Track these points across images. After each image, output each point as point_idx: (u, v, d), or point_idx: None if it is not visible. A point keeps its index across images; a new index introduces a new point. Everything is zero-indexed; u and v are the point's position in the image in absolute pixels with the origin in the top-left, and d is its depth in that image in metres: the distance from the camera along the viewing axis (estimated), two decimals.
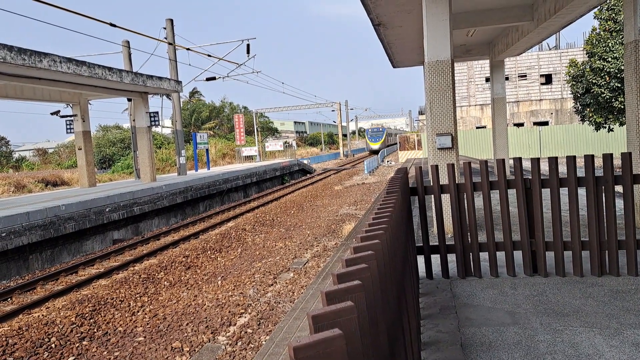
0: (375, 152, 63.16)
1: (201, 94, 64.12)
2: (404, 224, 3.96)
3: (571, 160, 5.37)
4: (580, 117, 22.48)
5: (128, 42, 23.34)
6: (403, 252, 3.33)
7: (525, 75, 44.43)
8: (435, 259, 6.20)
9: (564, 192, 5.69)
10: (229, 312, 7.87)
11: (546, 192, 5.65)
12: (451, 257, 6.13)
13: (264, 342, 6.52)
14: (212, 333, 7.09)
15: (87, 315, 8.11)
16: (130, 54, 23.35)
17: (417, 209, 9.63)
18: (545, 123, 43.49)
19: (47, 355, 6.68)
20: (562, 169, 18.54)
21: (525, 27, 12.66)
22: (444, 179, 7.44)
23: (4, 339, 7.20)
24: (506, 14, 11.67)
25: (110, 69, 16.44)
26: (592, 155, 5.38)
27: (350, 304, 1.21)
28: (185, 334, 7.12)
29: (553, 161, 5.41)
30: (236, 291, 8.96)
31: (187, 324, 7.49)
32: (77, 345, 6.99)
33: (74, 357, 6.62)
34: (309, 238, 13.26)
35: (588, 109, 21.02)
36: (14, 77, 13.95)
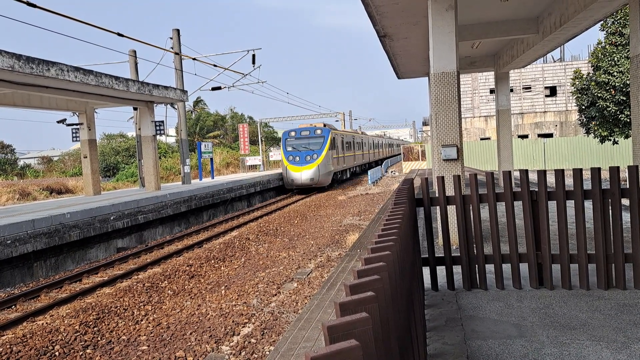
0: (304, 189, 29.77)
1: (205, 104, 64.39)
2: (410, 234, 3.96)
3: (578, 172, 5.37)
4: (585, 129, 22.48)
5: (135, 51, 23.52)
6: (411, 263, 3.34)
7: (530, 87, 44.51)
8: (441, 270, 6.18)
9: (570, 204, 5.69)
10: (233, 321, 7.85)
11: (552, 205, 5.65)
12: (457, 269, 6.11)
13: (267, 353, 6.50)
14: (215, 343, 7.07)
15: (91, 323, 8.10)
16: (136, 64, 23.51)
17: (422, 220, 9.62)
18: (550, 135, 43.47)
19: None
20: (568, 181, 18.49)
21: (530, 40, 12.71)
22: (449, 190, 7.44)
23: (8, 346, 7.20)
24: (511, 26, 11.73)
25: (117, 78, 16.56)
26: (599, 168, 5.37)
27: (366, 315, 1.22)
28: (189, 344, 7.10)
29: (560, 173, 5.41)
30: (240, 301, 8.95)
31: (191, 334, 7.48)
32: (81, 353, 6.98)
33: None
34: (312, 248, 13.24)
35: (593, 122, 21.02)
36: (22, 85, 14.06)
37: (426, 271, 6.01)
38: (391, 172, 44.46)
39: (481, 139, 43.88)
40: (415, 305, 3.13)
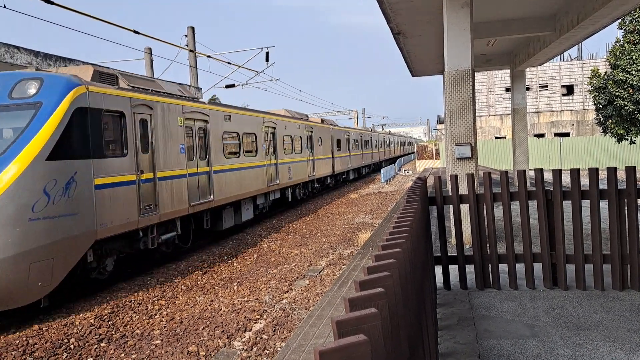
0: None
1: (220, 100, 64.80)
2: (423, 233, 3.95)
3: (593, 172, 5.31)
4: (602, 128, 22.22)
5: (150, 49, 23.71)
6: (422, 261, 3.33)
7: (547, 86, 44.03)
8: (453, 269, 6.16)
9: (585, 204, 5.62)
10: (245, 317, 7.89)
11: (567, 205, 5.59)
12: (469, 268, 6.09)
13: (279, 349, 6.53)
14: (227, 338, 7.12)
15: (105, 317, 8.20)
16: (152, 61, 23.70)
17: (434, 219, 9.59)
18: (566, 134, 42.98)
19: (66, 356, 6.77)
20: (584, 181, 18.29)
21: (547, 38, 12.58)
22: (463, 189, 7.40)
23: (24, 338, 7.32)
24: (528, 24, 11.62)
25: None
26: (615, 168, 5.31)
27: (375, 310, 1.22)
28: (202, 338, 7.16)
29: (575, 173, 5.36)
30: (252, 297, 8.99)
31: (204, 329, 7.53)
32: (96, 346, 7.07)
33: (92, 359, 6.70)
34: (324, 246, 13.25)
35: (610, 121, 20.76)
36: None
37: (438, 270, 5.99)
38: (404, 170, 44.32)
39: (496, 138, 43.54)
40: (426, 303, 3.12)
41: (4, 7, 9.98)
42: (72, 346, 7.09)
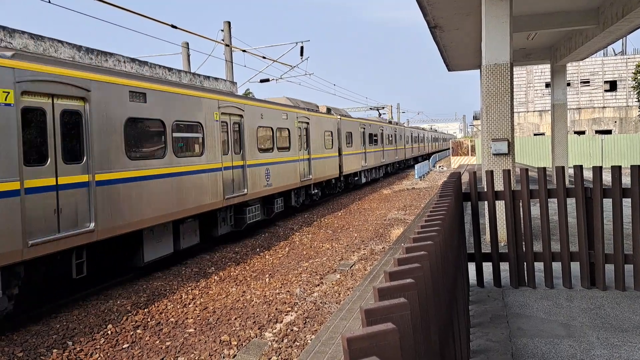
0: None
1: (254, 95, 65.34)
2: (456, 229, 3.90)
3: (636, 169, 5.13)
4: None
5: (187, 43, 24.06)
6: (455, 257, 3.29)
7: (588, 81, 42.67)
8: (487, 267, 6.06)
9: (626, 203, 5.44)
10: (276, 309, 7.97)
11: (606, 203, 5.42)
12: (503, 266, 5.98)
13: (309, 341, 6.57)
14: (259, 329, 7.21)
15: (141, 304, 8.42)
16: (189, 55, 24.06)
17: (469, 216, 9.44)
18: (608, 132, 41.58)
19: (104, 341, 6.99)
20: (626, 179, 17.73)
21: (589, 31, 12.17)
22: (498, 186, 7.26)
23: (64, 323, 7.60)
24: (569, 17, 11.27)
25: (170, 69, 17.01)
26: None
27: (404, 300, 1.22)
28: (234, 328, 7.27)
29: (616, 170, 5.18)
30: (283, 289, 9.07)
31: (236, 319, 7.65)
32: (132, 333, 7.28)
33: (128, 345, 6.90)
34: (356, 241, 13.24)
35: None
36: None
37: (472, 267, 5.91)
38: (439, 167, 43.78)
39: (535, 135, 42.51)
40: (458, 298, 3.09)
41: (49, 2, 10.31)
42: (109, 332, 7.32)
